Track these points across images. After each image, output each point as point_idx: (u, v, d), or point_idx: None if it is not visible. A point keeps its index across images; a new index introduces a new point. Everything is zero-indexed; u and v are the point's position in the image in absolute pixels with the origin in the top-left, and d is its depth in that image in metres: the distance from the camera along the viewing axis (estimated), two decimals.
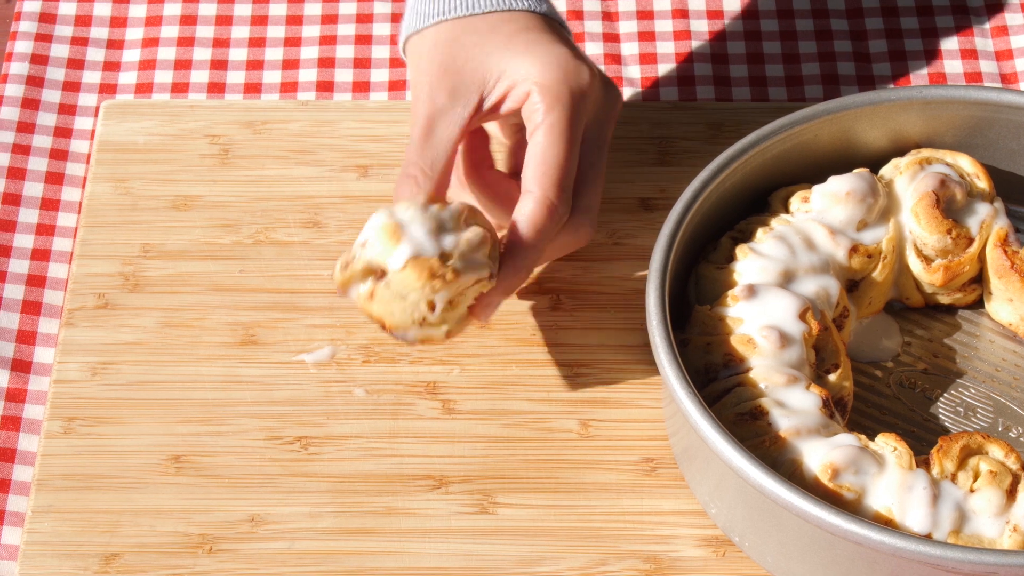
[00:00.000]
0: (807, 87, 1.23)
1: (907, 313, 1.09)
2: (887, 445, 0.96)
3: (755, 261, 1.03)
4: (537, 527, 1.00)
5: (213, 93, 1.23)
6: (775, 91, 1.23)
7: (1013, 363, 1.06)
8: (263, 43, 1.26)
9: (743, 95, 1.22)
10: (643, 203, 1.14)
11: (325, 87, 1.23)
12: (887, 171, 1.08)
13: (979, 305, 1.09)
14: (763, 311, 1.01)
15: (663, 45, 1.25)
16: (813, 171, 1.09)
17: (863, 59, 1.24)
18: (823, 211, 1.06)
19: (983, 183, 1.08)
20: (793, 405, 0.98)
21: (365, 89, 1.23)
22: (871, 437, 0.98)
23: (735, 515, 0.98)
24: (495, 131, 1.13)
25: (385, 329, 0.98)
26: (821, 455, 0.95)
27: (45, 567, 0.99)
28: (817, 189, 1.06)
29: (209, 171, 1.15)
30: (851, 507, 0.94)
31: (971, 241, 1.06)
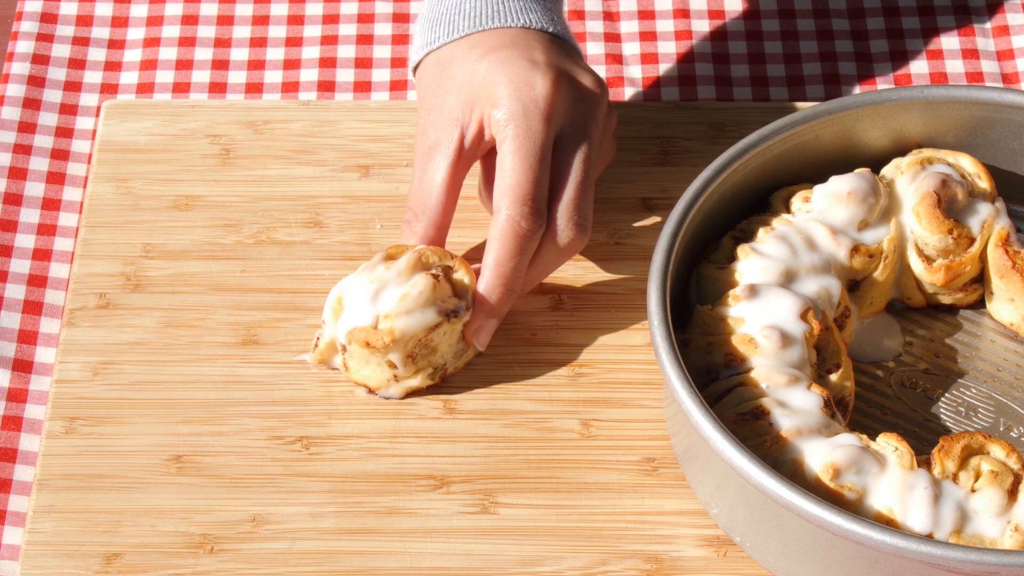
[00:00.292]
0: (808, 87, 1.23)
1: (908, 313, 1.09)
2: (888, 445, 0.96)
3: (756, 261, 1.03)
4: (538, 527, 1.00)
5: (214, 93, 1.23)
6: (776, 91, 1.23)
7: (1014, 363, 1.06)
8: (264, 43, 1.26)
9: (744, 95, 1.22)
10: (644, 203, 1.14)
11: (326, 87, 1.23)
12: (888, 171, 1.08)
13: (980, 305, 1.09)
14: (764, 311, 1.01)
15: (664, 45, 1.25)
16: (814, 171, 1.09)
17: (864, 59, 1.24)
18: (824, 211, 1.06)
19: (984, 183, 1.08)
20: (794, 405, 0.98)
21: (366, 89, 1.23)
22: (872, 437, 0.98)
23: (736, 515, 0.98)
24: None
25: (371, 392, 1.04)
26: (822, 455, 0.95)
27: (46, 567, 0.99)
28: (818, 189, 1.06)
29: (210, 171, 1.15)
30: (852, 507, 0.94)
31: (972, 241, 1.06)
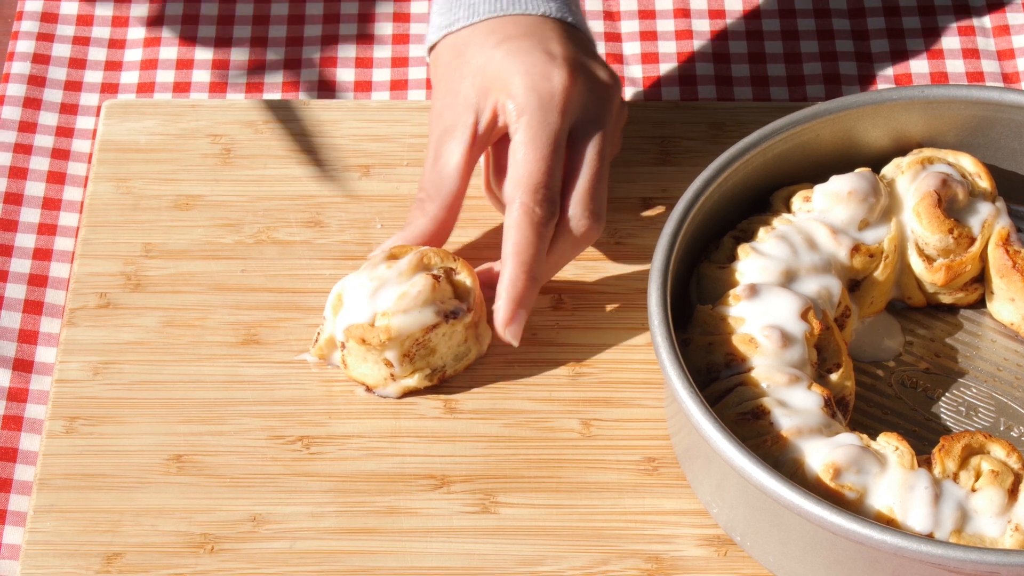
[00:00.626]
0: (809, 86, 1.23)
1: (909, 312, 1.09)
2: (889, 445, 0.96)
3: (757, 260, 1.03)
4: (539, 527, 1.00)
5: (215, 93, 1.23)
6: (777, 90, 1.23)
7: (1015, 363, 1.06)
8: (265, 43, 1.26)
9: (745, 94, 1.22)
10: (645, 203, 1.14)
11: (326, 87, 1.23)
12: (889, 171, 1.08)
13: (981, 305, 1.09)
14: (765, 311, 1.01)
15: (665, 44, 1.25)
16: (815, 170, 1.09)
17: (865, 58, 1.24)
18: (825, 210, 1.06)
19: (985, 183, 1.08)
20: (795, 405, 0.98)
21: (367, 89, 1.23)
22: (873, 437, 0.98)
23: (737, 515, 0.98)
24: None
25: (369, 390, 1.04)
26: (823, 455, 0.95)
27: (47, 567, 0.99)
28: (819, 189, 1.06)
29: (211, 170, 1.15)
30: (853, 507, 0.94)
31: (973, 241, 1.06)
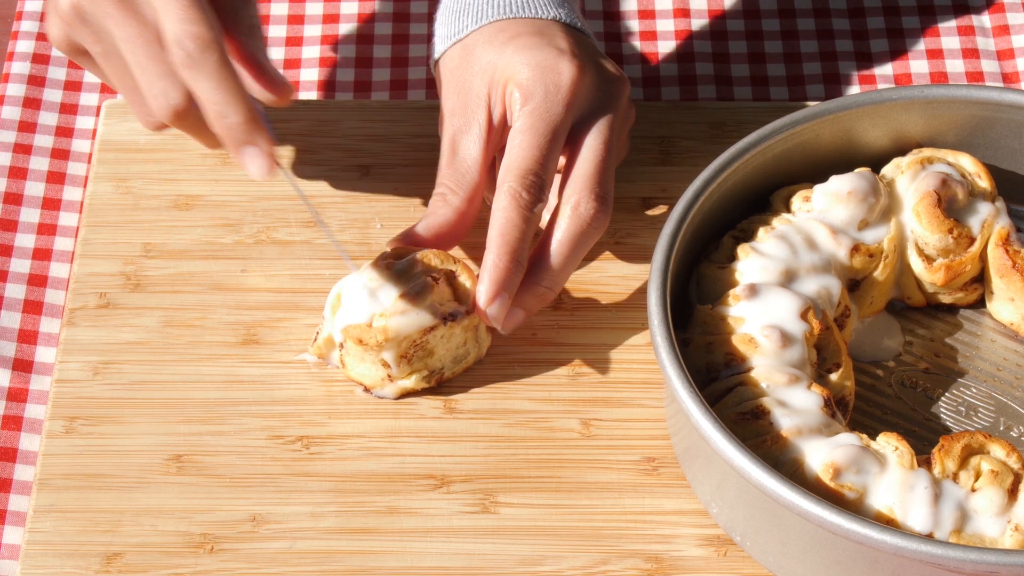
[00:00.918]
0: (808, 86, 1.23)
1: (908, 312, 1.09)
2: (888, 444, 0.96)
3: (756, 260, 1.03)
4: (539, 526, 1.00)
5: None
6: (776, 90, 1.23)
7: (1015, 362, 1.06)
8: (264, 43, 1.25)
9: (744, 94, 1.22)
10: (644, 202, 1.14)
11: (326, 87, 1.23)
12: (888, 170, 1.08)
13: (980, 304, 1.09)
14: (764, 310, 1.01)
15: (664, 44, 1.25)
16: (814, 170, 1.09)
17: (865, 58, 1.24)
18: (824, 210, 1.06)
19: (984, 182, 1.08)
20: (794, 404, 0.98)
21: (367, 88, 1.23)
22: (872, 437, 0.98)
23: (736, 514, 0.98)
24: None
25: (367, 390, 1.04)
26: (823, 454, 0.95)
27: (47, 567, 0.99)
28: (818, 188, 1.06)
29: (210, 170, 1.15)
30: (852, 506, 0.94)
31: (972, 240, 1.06)
